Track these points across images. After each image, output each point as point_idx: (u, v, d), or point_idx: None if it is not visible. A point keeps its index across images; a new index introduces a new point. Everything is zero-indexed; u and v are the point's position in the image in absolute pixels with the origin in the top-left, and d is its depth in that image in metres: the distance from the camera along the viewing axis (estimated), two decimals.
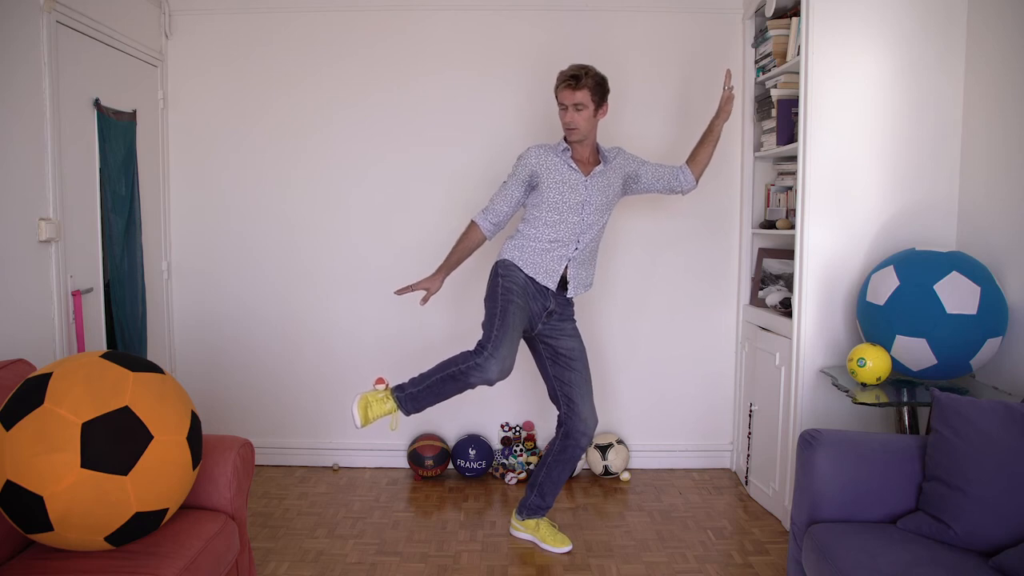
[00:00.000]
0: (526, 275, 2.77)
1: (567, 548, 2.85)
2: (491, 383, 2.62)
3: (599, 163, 2.83)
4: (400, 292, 2.80)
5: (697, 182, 2.99)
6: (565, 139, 2.81)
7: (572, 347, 2.87)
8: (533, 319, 2.78)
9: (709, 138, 2.97)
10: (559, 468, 2.90)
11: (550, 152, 2.79)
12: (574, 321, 2.91)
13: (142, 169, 3.36)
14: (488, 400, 3.69)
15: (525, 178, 2.79)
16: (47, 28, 2.67)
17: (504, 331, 2.63)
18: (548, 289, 2.77)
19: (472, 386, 2.64)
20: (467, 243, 2.82)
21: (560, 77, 2.75)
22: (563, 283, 2.80)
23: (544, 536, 2.88)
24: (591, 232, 2.81)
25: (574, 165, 2.77)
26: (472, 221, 2.83)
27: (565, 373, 2.85)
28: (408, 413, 2.72)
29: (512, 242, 2.83)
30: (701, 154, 2.97)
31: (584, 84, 2.69)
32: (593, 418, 2.86)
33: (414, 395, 2.69)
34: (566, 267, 2.78)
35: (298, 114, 3.65)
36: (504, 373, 2.61)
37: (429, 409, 3.66)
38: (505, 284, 2.74)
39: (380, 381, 2.73)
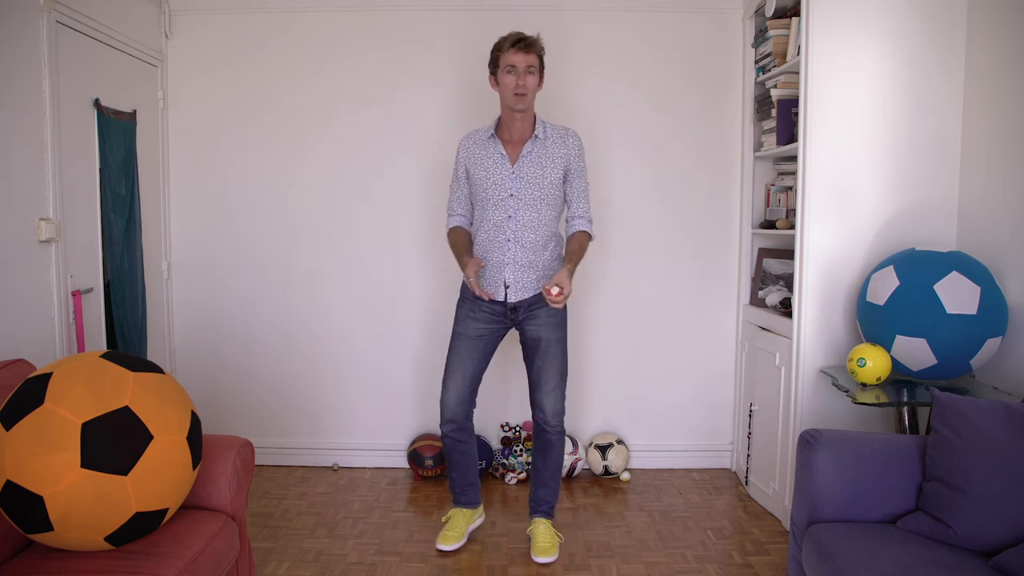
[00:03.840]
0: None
1: (546, 559, 2.74)
2: (452, 414, 2.79)
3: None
4: (487, 294, 2.68)
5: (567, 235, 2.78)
6: (499, 121, 2.72)
7: (539, 336, 2.74)
8: (496, 319, 2.77)
9: (568, 254, 2.69)
10: (538, 456, 2.87)
11: (477, 143, 2.73)
12: (549, 306, 2.66)
13: (142, 169, 3.35)
14: (488, 400, 3.68)
15: (463, 174, 2.78)
16: (47, 28, 2.67)
17: (448, 369, 2.80)
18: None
19: (447, 433, 2.82)
20: (457, 240, 2.78)
21: (508, 40, 2.62)
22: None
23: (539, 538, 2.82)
24: (529, 234, 2.66)
25: (504, 151, 2.67)
26: (452, 227, 2.81)
27: (532, 361, 2.80)
28: (467, 503, 2.93)
29: None
30: (570, 247, 2.71)
31: (535, 47, 2.63)
32: (552, 409, 2.76)
33: (450, 486, 2.95)
34: (505, 273, 2.70)
35: (298, 114, 3.65)
36: (455, 402, 2.78)
37: (429, 409, 3.71)
38: (457, 313, 2.84)
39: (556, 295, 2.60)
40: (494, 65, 2.68)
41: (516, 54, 2.60)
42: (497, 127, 2.74)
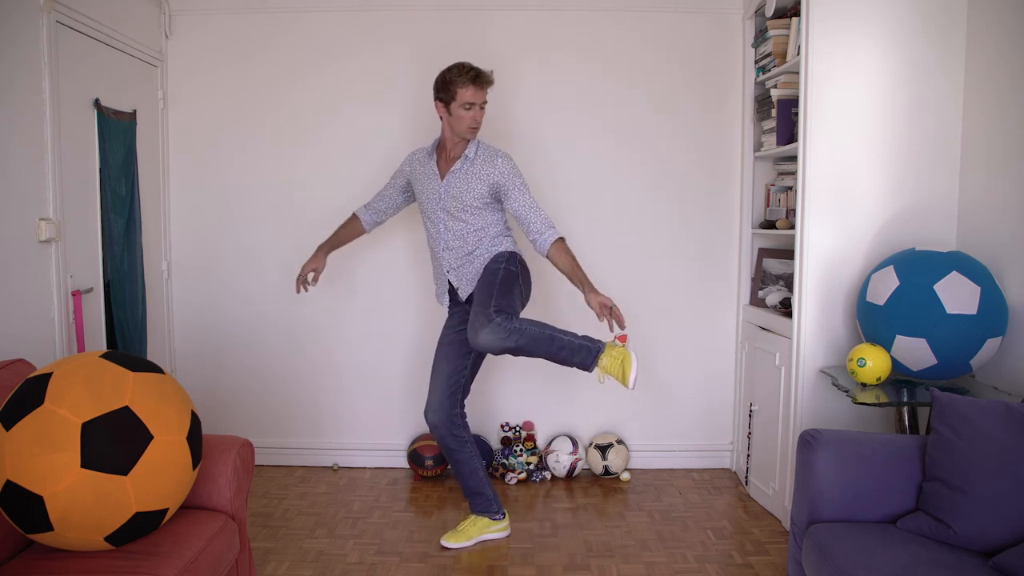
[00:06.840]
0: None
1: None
2: (431, 421, 2.87)
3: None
4: (301, 288, 3.02)
5: (545, 256, 2.76)
6: (442, 140, 2.86)
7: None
8: (465, 319, 2.84)
9: (570, 276, 2.73)
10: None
11: (419, 161, 2.90)
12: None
13: (142, 169, 3.35)
14: (488, 400, 3.69)
15: (402, 182, 2.98)
16: (47, 28, 2.67)
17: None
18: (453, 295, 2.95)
19: (437, 440, 2.93)
20: (345, 230, 3.08)
21: (465, 75, 2.67)
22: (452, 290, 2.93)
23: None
24: (457, 241, 2.82)
25: (437, 168, 2.83)
26: (354, 212, 3.09)
27: None
28: (477, 510, 2.95)
29: None
30: (562, 268, 2.73)
31: (491, 82, 2.74)
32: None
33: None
34: (449, 278, 2.89)
35: (298, 114, 3.65)
36: (431, 409, 2.87)
37: None
38: None
39: (623, 339, 2.70)
40: (447, 94, 2.72)
41: (477, 92, 2.71)
42: (438, 146, 2.89)
